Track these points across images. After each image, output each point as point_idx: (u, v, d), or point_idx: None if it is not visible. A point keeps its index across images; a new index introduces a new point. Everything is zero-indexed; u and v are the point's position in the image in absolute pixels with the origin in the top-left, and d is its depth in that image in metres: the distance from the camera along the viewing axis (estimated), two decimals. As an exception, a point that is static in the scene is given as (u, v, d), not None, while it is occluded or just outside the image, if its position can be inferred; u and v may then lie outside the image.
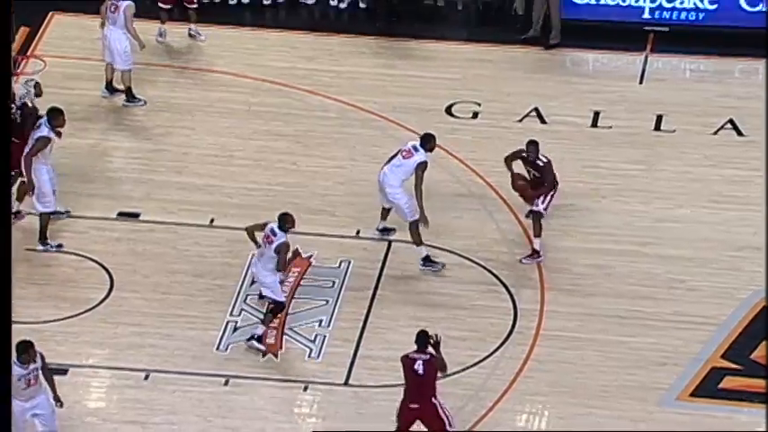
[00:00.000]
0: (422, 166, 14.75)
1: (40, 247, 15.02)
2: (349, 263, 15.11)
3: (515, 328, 14.41)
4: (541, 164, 14.96)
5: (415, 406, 12.92)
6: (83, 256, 15.16)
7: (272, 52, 17.71)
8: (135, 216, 15.66)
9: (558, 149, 16.51)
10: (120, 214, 15.71)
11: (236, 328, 14.39)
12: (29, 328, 14.29)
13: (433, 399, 12.91)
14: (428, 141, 14.92)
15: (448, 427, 12.85)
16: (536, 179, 14.99)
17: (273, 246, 13.95)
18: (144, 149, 16.50)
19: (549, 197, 14.97)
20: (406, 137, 16.43)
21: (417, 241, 14.90)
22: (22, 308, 14.52)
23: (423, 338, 12.98)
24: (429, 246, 15.12)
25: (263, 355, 14.10)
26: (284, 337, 14.36)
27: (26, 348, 12.50)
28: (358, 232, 15.52)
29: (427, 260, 14.97)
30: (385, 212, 15.23)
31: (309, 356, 14.21)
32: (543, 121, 16.96)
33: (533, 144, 15.02)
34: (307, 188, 16.02)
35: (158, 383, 13.84)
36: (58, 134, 14.95)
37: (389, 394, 13.76)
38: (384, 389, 13.86)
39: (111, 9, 16.59)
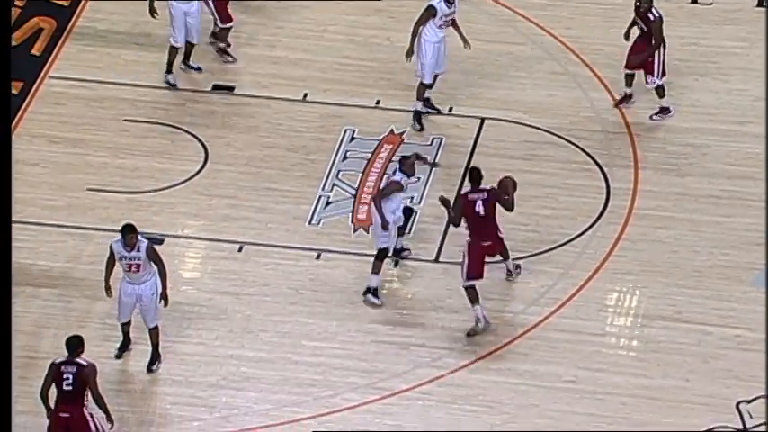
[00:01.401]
0: (428, 9, 14.56)
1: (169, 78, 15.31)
2: (441, 140, 15.07)
3: (608, 206, 14.33)
4: (652, 18, 14.66)
5: (487, 243, 13.09)
6: (178, 128, 15.30)
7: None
8: (230, 89, 15.73)
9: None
10: (216, 87, 15.78)
11: (328, 203, 14.49)
12: (126, 198, 14.56)
13: (498, 234, 13.14)
14: None
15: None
16: (643, 33, 14.68)
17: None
18: (239, 23, 16.48)
19: (660, 65, 14.66)
20: (499, 12, 16.21)
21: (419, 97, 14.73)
22: (120, 178, 14.76)
23: (476, 176, 12.98)
24: (522, 123, 14.98)
25: (354, 230, 14.18)
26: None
27: (126, 232, 12.67)
28: (450, 109, 15.44)
29: (417, 113, 14.81)
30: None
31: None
32: (641, -2, 16.59)
33: None
34: (399, 63, 15.93)
35: (252, 256, 14.04)
36: None
37: (480, 271, 13.81)
38: (474, 265, 13.89)
39: None
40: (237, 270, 13.92)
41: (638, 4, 14.74)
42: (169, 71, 15.50)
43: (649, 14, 14.68)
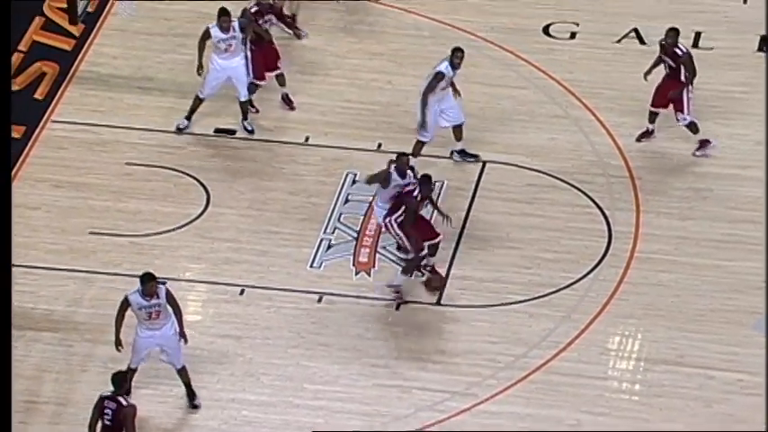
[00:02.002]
0: (436, 77, 14.54)
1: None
2: (443, 183, 15.10)
3: (609, 250, 14.33)
4: (680, 54, 14.71)
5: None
6: (181, 171, 15.33)
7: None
8: (231, 133, 15.78)
9: (658, 71, 16.22)
10: (217, 131, 15.83)
11: (329, 246, 14.49)
12: (128, 241, 14.56)
13: None
14: (454, 54, 14.57)
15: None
16: (671, 71, 14.74)
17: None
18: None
19: (688, 101, 14.68)
20: (502, 57, 16.30)
21: (415, 154, 14.71)
22: (123, 221, 14.77)
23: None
24: (525, 167, 15.02)
25: (356, 273, 14.21)
26: (377, 255, 14.43)
27: (146, 281, 12.66)
28: (452, 153, 15.47)
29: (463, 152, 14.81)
30: (457, 132, 15.03)
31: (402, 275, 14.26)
32: (643, 42, 16.70)
33: (673, 31, 14.72)
34: (400, 107, 15.99)
35: (254, 299, 14.02)
36: None
37: (481, 314, 13.82)
38: (475, 309, 13.90)
39: None
40: (239, 313, 13.90)
41: (663, 42, 14.72)
42: (188, 116, 15.49)
43: (677, 50, 14.71)
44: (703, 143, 15.11)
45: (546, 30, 16.91)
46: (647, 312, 13.76)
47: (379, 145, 15.57)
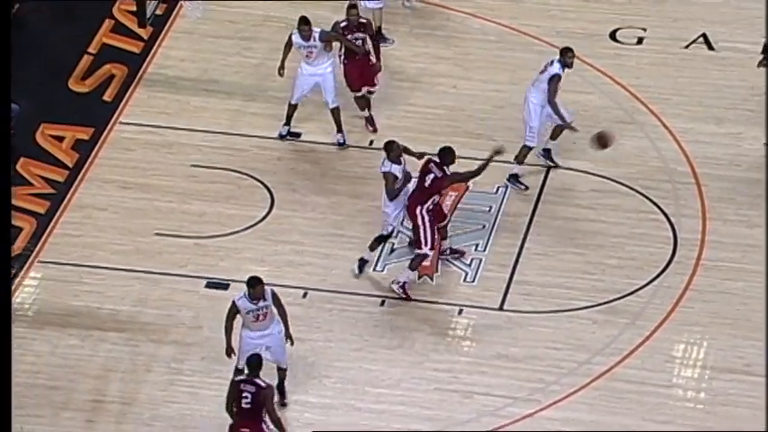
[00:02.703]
0: (554, 79, 14.51)
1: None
2: (506, 188, 15.05)
3: (675, 257, 14.20)
4: None
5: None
6: (245, 174, 15.42)
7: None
8: (297, 135, 15.84)
9: (726, 77, 16.10)
10: (283, 136, 15.89)
11: (392, 250, 14.50)
12: (193, 243, 14.66)
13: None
14: (563, 53, 14.58)
15: None
16: None
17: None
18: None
19: None
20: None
21: (520, 160, 14.72)
22: (188, 223, 14.88)
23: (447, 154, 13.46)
24: (590, 173, 14.93)
25: (419, 277, 14.20)
26: (440, 260, 14.42)
27: (254, 284, 12.76)
28: (516, 157, 15.41)
29: (515, 178, 14.81)
30: (557, 131, 15.01)
31: (465, 280, 14.26)
32: (711, 48, 16.53)
33: None
34: (465, 111, 15.96)
35: (316, 301, 14.06)
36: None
37: (544, 320, 13.75)
38: (539, 314, 13.83)
39: None
40: (302, 316, 13.95)
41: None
42: (286, 123, 15.52)
43: None
44: None
45: (613, 35, 16.80)
46: (712, 320, 13.62)
47: (421, 155, 15.52)
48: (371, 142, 15.72)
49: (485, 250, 14.50)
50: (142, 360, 13.55)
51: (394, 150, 13.99)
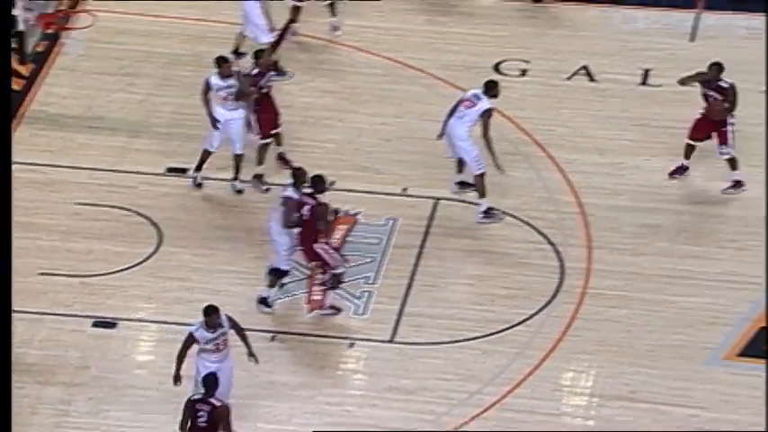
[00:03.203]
0: (487, 114, 14.66)
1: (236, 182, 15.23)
2: (395, 220, 15.12)
3: (562, 286, 14.39)
4: (726, 86, 14.86)
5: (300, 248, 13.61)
6: (132, 210, 15.25)
7: (317, 9, 17.66)
8: (183, 171, 15.73)
9: (607, 108, 16.42)
10: (170, 169, 15.78)
11: (282, 285, 14.45)
12: (79, 281, 14.44)
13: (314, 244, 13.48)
14: (491, 88, 14.81)
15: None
16: (715, 102, 14.86)
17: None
18: (192, 105, 16.51)
19: (731, 134, 14.86)
20: (453, 94, 16.36)
21: (482, 193, 14.85)
22: (74, 262, 14.66)
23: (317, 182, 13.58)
24: (476, 203, 15.09)
25: (310, 312, 14.17)
26: (331, 294, 14.40)
27: (211, 313, 12.69)
28: (405, 189, 15.51)
29: (487, 213, 14.90)
30: (460, 165, 15.13)
31: (355, 313, 14.26)
32: (592, 79, 16.85)
33: (716, 65, 14.89)
34: (352, 145, 16.02)
35: (206, 338, 13.92)
36: None
37: (434, 351, 13.81)
38: (429, 346, 13.89)
39: None
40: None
41: (707, 77, 14.87)
42: (197, 169, 15.30)
43: (722, 83, 14.88)
44: (737, 183, 15.14)
45: (496, 67, 17.03)
46: (599, 348, 13.81)
47: (332, 183, 15.58)
48: (260, 177, 15.65)
49: (375, 283, 14.53)
50: (27, 402, 13.29)
51: (299, 179, 13.94)
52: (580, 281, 14.44)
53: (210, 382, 12.33)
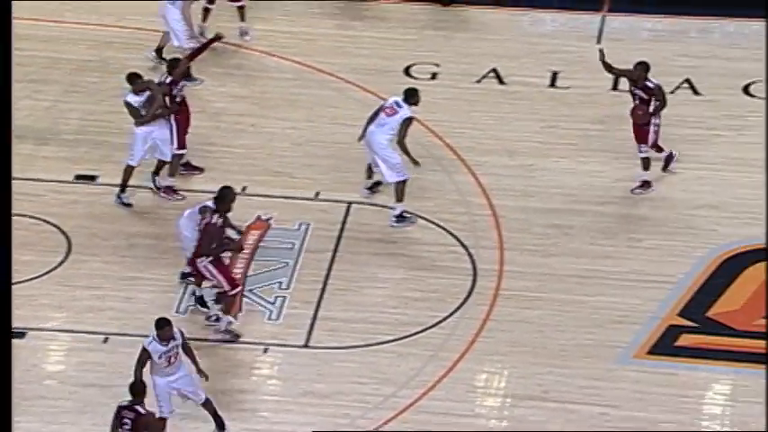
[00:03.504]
0: (407, 122, 14.73)
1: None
2: (308, 225, 15.11)
3: (475, 288, 14.48)
4: (652, 86, 14.99)
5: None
6: (40, 219, 15.05)
7: (227, 14, 17.59)
8: (92, 179, 15.57)
9: (517, 110, 16.56)
10: (78, 177, 15.60)
11: (194, 291, 14.36)
12: (-14, 291, 14.20)
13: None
14: (412, 96, 14.87)
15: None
16: (642, 103, 15.00)
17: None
18: (101, 111, 16.38)
19: (654, 134, 14.97)
20: (364, 98, 16.42)
21: (399, 197, 14.87)
22: (-21, 271, 14.41)
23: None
24: (390, 207, 15.14)
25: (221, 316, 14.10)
26: (244, 299, 14.35)
27: (163, 325, 12.61)
28: (317, 194, 15.50)
29: (400, 216, 14.94)
30: (370, 171, 15.17)
31: (269, 318, 14.22)
32: (502, 82, 16.99)
33: (642, 65, 15.03)
34: (264, 150, 15.98)
35: (118, 346, 13.80)
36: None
37: (349, 355, 13.82)
38: (344, 350, 13.90)
39: None
40: (103, 361, 13.67)
41: (633, 76, 14.99)
42: (122, 190, 15.12)
43: (648, 83, 14.98)
44: (645, 183, 15.29)
45: (407, 70, 17.10)
46: (512, 349, 13.92)
47: (244, 188, 15.53)
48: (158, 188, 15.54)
49: (288, 288, 14.50)
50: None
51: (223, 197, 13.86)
52: (492, 282, 14.55)
53: (137, 389, 12.25)
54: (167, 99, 15.10)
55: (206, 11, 17.08)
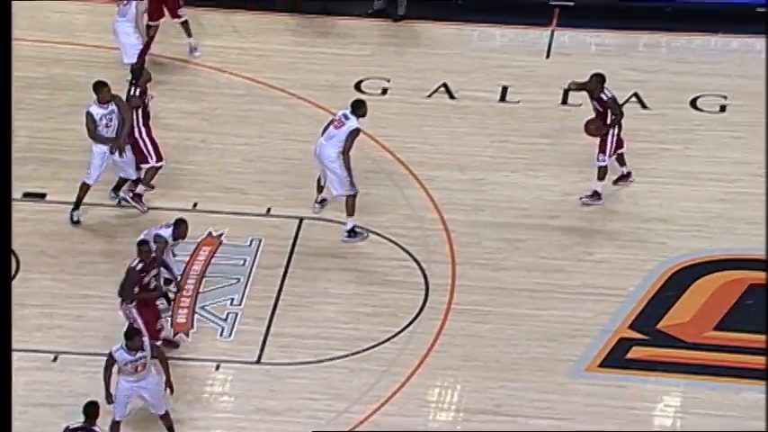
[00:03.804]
0: (353, 134, 14.73)
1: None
2: (260, 241, 15.07)
3: (427, 303, 14.49)
4: (606, 98, 15.06)
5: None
6: (-12, 237, 14.91)
7: (177, 29, 17.55)
8: (41, 196, 15.45)
9: (467, 124, 16.63)
10: (26, 195, 15.48)
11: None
12: (-67, 311, 14.04)
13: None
14: (359, 108, 14.88)
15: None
16: (599, 115, 15.07)
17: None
18: (49, 129, 16.28)
19: (611, 144, 15.05)
20: (315, 113, 16.42)
21: (350, 212, 14.87)
22: (-74, 291, 14.26)
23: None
24: (341, 222, 15.13)
25: (174, 334, 14.02)
26: (195, 315, 14.29)
27: (132, 336, 12.66)
28: (268, 210, 15.47)
29: (352, 232, 14.95)
30: (320, 186, 15.16)
31: (221, 335, 14.17)
32: (452, 97, 17.05)
33: (597, 76, 15.10)
34: (215, 166, 15.93)
35: (68, 365, 13.70)
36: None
37: (302, 371, 13.79)
38: (297, 366, 13.87)
39: (123, 2, 16.35)
40: (52, 381, 13.56)
41: (588, 88, 15.09)
42: (76, 207, 15.00)
43: (603, 96, 15.06)
44: (596, 194, 15.33)
45: (358, 86, 17.12)
46: (464, 363, 13.94)
47: (195, 204, 15.48)
48: (119, 202, 15.44)
49: (240, 304, 14.46)
50: None
51: (180, 228, 13.89)
52: (445, 297, 14.57)
53: (91, 411, 12.24)
54: (140, 111, 15.03)
55: (149, 28, 16.99)
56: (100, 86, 14.92)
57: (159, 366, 12.95)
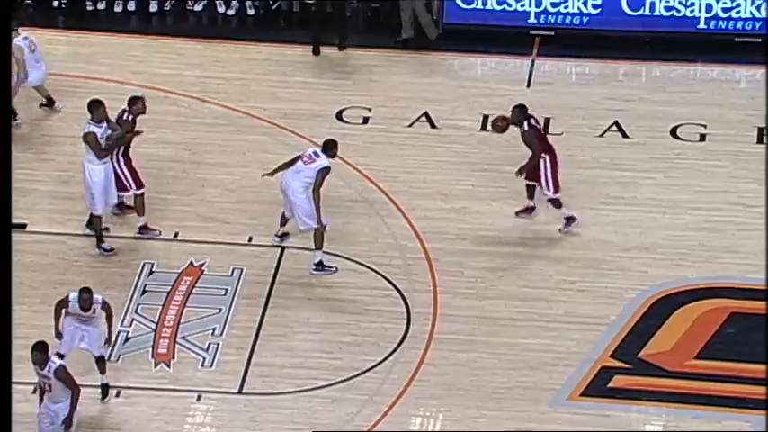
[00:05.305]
0: (324, 171, 14.77)
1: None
2: (241, 270, 15.05)
3: (409, 332, 14.48)
4: (522, 131, 15.03)
5: None
6: (-32, 268, 14.84)
7: (158, 59, 17.57)
8: (21, 227, 15.40)
9: (449, 153, 16.66)
10: (7, 225, 15.42)
11: (127, 339, 14.23)
12: None
13: None
14: (330, 148, 14.93)
15: None
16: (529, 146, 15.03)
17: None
18: (28, 159, 16.24)
19: (546, 176, 15.00)
20: (296, 143, 16.43)
21: (318, 245, 14.87)
22: None
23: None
24: (324, 252, 15.12)
25: (155, 365, 13.98)
26: (176, 346, 14.24)
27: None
28: (250, 239, 15.46)
29: (320, 265, 14.97)
30: (284, 219, 15.20)
31: (203, 365, 14.12)
32: (433, 126, 17.09)
33: (517, 108, 15.09)
34: (196, 196, 15.92)
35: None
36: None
37: (284, 401, 13.75)
38: (278, 396, 13.83)
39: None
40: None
41: (511, 121, 15.09)
42: (101, 241, 14.96)
43: (519, 128, 15.06)
44: (569, 219, 15.35)
45: (339, 115, 17.15)
46: (447, 392, 13.92)
47: (176, 234, 15.45)
48: (103, 230, 15.40)
49: (222, 334, 14.41)
50: None
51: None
52: (427, 326, 14.56)
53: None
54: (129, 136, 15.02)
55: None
56: (95, 105, 14.88)
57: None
